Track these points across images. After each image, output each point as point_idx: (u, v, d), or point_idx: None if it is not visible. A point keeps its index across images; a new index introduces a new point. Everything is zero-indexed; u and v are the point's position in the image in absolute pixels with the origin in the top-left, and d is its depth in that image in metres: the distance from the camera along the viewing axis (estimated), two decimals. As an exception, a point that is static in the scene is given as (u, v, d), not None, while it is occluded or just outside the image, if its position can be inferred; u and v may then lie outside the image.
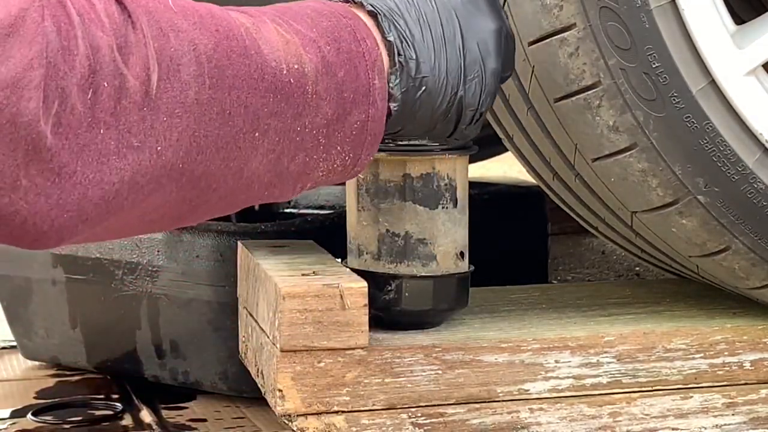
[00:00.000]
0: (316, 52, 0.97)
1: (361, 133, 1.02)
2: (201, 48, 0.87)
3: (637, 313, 1.37)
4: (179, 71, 0.84)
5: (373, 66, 1.02)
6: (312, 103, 0.96)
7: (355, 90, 1.00)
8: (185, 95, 0.85)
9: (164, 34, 0.84)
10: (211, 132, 0.88)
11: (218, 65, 0.88)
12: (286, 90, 0.93)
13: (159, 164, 0.84)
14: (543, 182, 1.50)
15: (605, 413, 1.28)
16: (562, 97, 1.25)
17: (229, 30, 0.90)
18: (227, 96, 0.88)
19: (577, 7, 1.20)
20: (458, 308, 1.30)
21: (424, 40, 1.06)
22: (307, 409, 1.19)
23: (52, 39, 0.77)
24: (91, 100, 0.79)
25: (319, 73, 0.96)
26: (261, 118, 0.91)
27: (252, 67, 0.90)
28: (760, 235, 1.27)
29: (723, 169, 1.24)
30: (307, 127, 0.96)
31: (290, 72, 0.93)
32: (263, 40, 0.92)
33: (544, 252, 2.07)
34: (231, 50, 0.89)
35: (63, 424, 1.58)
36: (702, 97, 1.23)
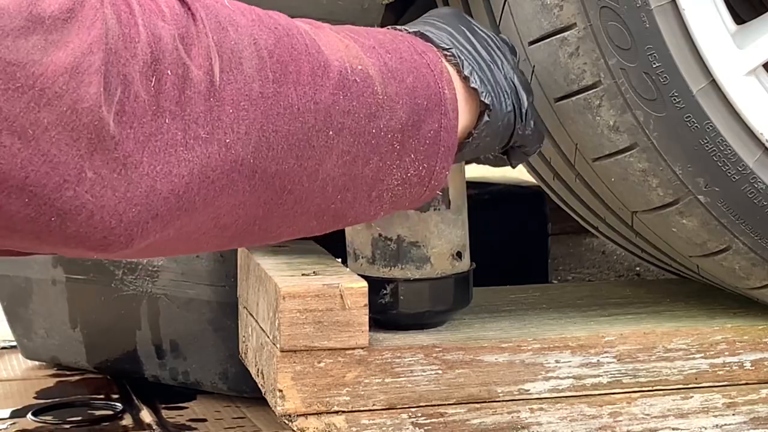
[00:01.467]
0: (378, 57, 0.96)
1: (435, 143, 1.00)
2: (261, 43, 0.85)
3: (638, 313, 1.37)
4: (241, 64, 0.83)
5: (441, 75, 1.01)
6: (385, 105, 0.95)
7: (428, 97, 0.99)
8: (249, 88, 0.83)
9: (223, 27, 0.83)
10: (281, 127, 0.86)
11: (280, 60, 0.86)
12: (355, 89, 0.92)
13: (229, 158, 0.82)
14: (543, 182, 1.49)
15: (605, 413, 1.28)
16: (563, 96, 1.25)
17: (288, 29, 0.89)
18: (293, 91, 0.87)
19: (578, 7, 1.20)
20: (459, 308, 1.30)
21: (467, 52, 1.07)
22: (307, 409, 1.19)
23: (112, 25, 0.75)
24: (155, 87, 0.77)
25: (384, 76, 0.95)
26: (333, 115, 0.90)
27: (315, 65, 0.89)
28: (761, 235, 1.27)
29: (723, 169, 1.24)
30: (382, 129, 0.95)
31: (355, 72, 0.92)
32: (323, 42, 0.91)
33: (544, 252, 2.07)
34: (292, 47, 0.88)
35: (63, 424, 1.58)
36: (702, 97, 1.23)
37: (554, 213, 2.00)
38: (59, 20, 0.73)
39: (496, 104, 1.07)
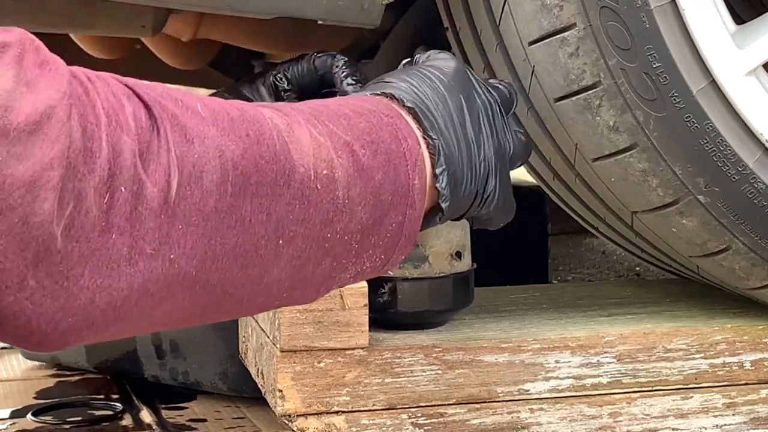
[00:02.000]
0: (349, 156, 0.94)
1: (396, 235, 0.99)
2: (228, 154, 0.85)
3: (637, 313, 1.37)
4: (201, 178, 0.83)
5: (414, 166, 1.00)
6: (345, 209, 0.93)
7: (394, 191, 0.98)
8: (205, 203, 0.83)
9: (189, 140, 0.82)
10: (228, 240, 0.86)
11: (244, 172, 0.86)
12: (314, 196, 0.91)
13: (171, 272, 0.82)
14: (543, 182, 1.49)
15: (605, 413, 1.28)
16: (563, 97, 1.25)
17: (261, 134, 0.88)
18: (249, 203, 0.86)
19: (578, 7, 1.20)
20: (459, 308, 1.30)
21: (449, 133, 1.04)
22: (307, 409, 1.19)
23: (76, 139, 0.76)
24: (107, 204, 0.77)
25: (351, 177, 0.94)
26: (286, 224, 0.89)
27: (279, 174, 0.88)
28: (761, 235, 1.27)
29: (723, 169, 1.24)
30: (338, 233, 0.94)
31: (318, 177, 0.91)
32: (294, 143, 0.90)
33: (544, 252, 2.07)
34: (260, 155, 0.87)
35: (63, 424, 1.58)
36: (702, 97, 1.22)
37: (554, 213, 2.00)
38: (24, 132, 0.74)
39: (455, 199, 1.06)
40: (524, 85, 1.29)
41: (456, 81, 1.07)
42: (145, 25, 1.53)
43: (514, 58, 1.29)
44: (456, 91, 1.06)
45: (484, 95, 1.08)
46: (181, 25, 1.81)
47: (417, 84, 1.05)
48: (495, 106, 1.09)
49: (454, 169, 1.04)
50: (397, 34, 2.00)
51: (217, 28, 1.88)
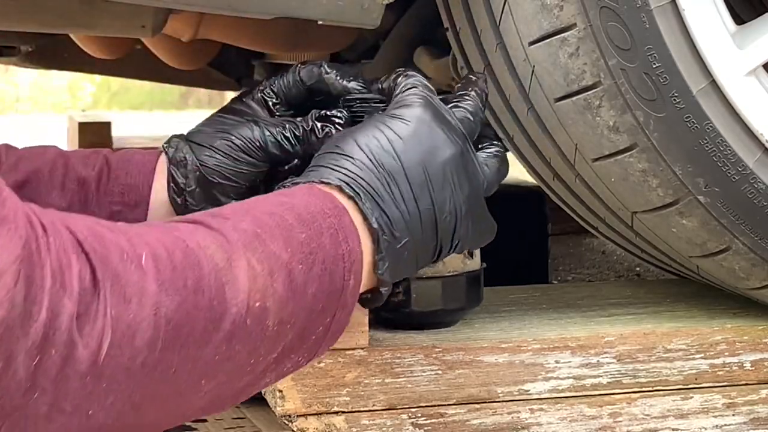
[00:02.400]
0: (285, 278, 0.95)
1: (323, 336, 1.00)
2: (163, 310, 0.85)
3: (637, 313, 1.37)
4: (134, 338, 0.83)
5: (351, 267, 1.00)
6: (272, 335, 0.94)
7: (327, 297, 0.99)
8: (133, 361, 0.84)
9: (127, 300, 0.83)
10: (150, 390, 0.86)
11: (176, 325, 0.86)
12: (242, 333, 0.91)
13: (87, 426, 0.83)
14: (543, 182, 1.49)
15: (605, 413, 1.28)
16: (563, 97, 1.25)
17: (199, 280, 0.88)
18: (176, 355, 0.87)
19: (578, 7, 1.20)
20: (471, 307, 1.30)
21: (397, 204, 1.04)
22: (307, 409, 1.19)
23: (18, 303, 0.77)
24: (35, 366, 0.79)
25: (284, 301, 0.94)
26: (210, 365, 0.90)
27: (209, 321, 0.88)
28: (761, 235, 1.27)
29: (723, 170, 1.24)
30: (261, 356, 0.95)
31: (250, 312, 0.91)
32: (230, 283, 0.90)
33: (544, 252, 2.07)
34: (194, 306, 0.87)
35: (63, 424, 1.57)
36: (702, 98, 1.22)
37: (554, 213, 2.00)
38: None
39: (397, 277, 1.07)
40: (524, 85, 1.29)
41: (417, 137, 1.06)
42: (145, 25, 1.53)
43: (514, 58, 1.29)
44: (416, 152, 1.06)
45: (452, 139, 1.07)
46: (181, 25, 1.81)
47: (366, 158, 1.05)
48: (465, 145, 1.08)
49: (404, 242, 1.04)
50: (397, 34, 2.00)
51: (217, 28, 1.88)
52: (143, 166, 1.23)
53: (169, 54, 2.19)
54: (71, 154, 1.24)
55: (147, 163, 1.23)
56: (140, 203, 1.20)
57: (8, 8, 1.50)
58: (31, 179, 1.21)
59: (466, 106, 1.11)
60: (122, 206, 1.19)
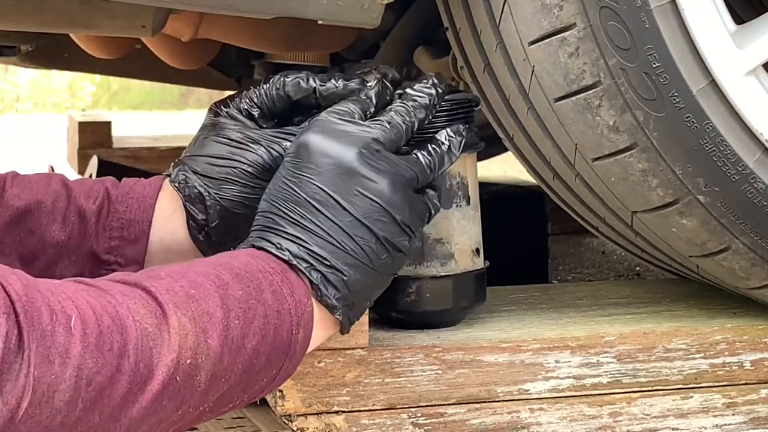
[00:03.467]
0: (220, 334, 0.96)
1: (268, 384, 1.03)
2: (85, 372, 0.87)
3: (637, 313, 1.37)
4: (53, 398, 0.85)
5: (299, 320, 1.02)
6: (203, 389, 0.96)
7: (271, 350, 1.00)
8: (51, 420, 0.85)
9: (50, 361, 0.85)
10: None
11: (98, 387, 0.88)
12: (170, 390, 0.93)
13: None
14: (543, 182, 1.49)
15: (605, 413, 1.28)
16: (562, 97, 1.25)
17: (125, 345, 0.90)
18: (98, 415, 0.88)
19: (578, 7, 1.20)
20: (477, 305, 1.30)
21: (324, 235, 1.06)
22: (307, 409, 1.19)
23: None
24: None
25: (217, 357, 0.96)
26: (134, 421, 0.91)
27: (135, 383, 0.90)
28: (761, 235, 1.27)
29: (723, 169, 1.24)
30: (191, 407, 0.96)
31: (180, 370, 0.93)
32: (158, 346, 0.92)
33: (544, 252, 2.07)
34: (118, 369, 0.89)
35: (63, 424, 1.57)
36: (702, 97, 1.22)
37: (554, 213, 2.00)
38: None
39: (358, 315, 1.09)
40: (524, 84, 1.29)
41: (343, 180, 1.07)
42: (145, 25, 1.53)
43: (514, 58, 1.29)
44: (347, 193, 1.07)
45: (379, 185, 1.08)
46: (181, 25, 1.81)
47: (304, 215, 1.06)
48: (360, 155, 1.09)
49: (354, 288, 1.06)
50: (397, 34, 2.00)
51: (217, 28, 1.88)
52: (143, 201, 1.22)
53: (169, 54, 2.18)
54: (75, 186, 1.24)
55: (147, 197, 1.22)
56: (140, 238, 1.20)
57: (8, 8, 1.50)
58: (32, 209, 1.21)
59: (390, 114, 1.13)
60: (120, 241, 1.20)
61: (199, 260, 1.04)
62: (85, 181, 1.27)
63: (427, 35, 2.00)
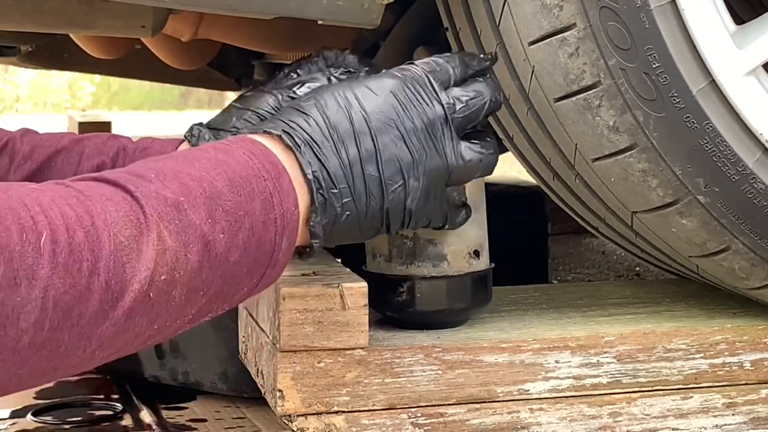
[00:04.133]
0: (201, 248, 0.95)
1: (249, 292, 1.01)
2: (51, 293, 0.85)
3: (637, 313, 1.37)
4: (18, 319, 0.84)
5: (284, 230, 1.01)
6: (179, 304, 0.94)
7: (254, 261, 0.99)
8: (17, 341, 0.84)
9: (17, 283, 0.84)
10: (38, 366, 0.87)
11: (65, 307, 0.86)
12: (144, 306, 0.91)
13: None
14: (543, 182, 1.49)
15: (605, 413, 1.28)
16: (562, 97, 1.25)
17: (95, 263, 0.88)
18: (66, 334, 0.87)
19: (578, 7, 1.20)
20: (477, 307, 1.30)
21: (342, 163, 1.05)
22: (307, 409, 1.19)
23: None
24: None
25: (196, 271, 0.94)
26: (106, 338, 0.90)
27: (105, 300, 0.89)
28: (760, 235, 1.27)
29: (723, 169, 1.24)
30: (168, 321, 0.95)
31: (152, 286, 0.91)
32: (133, 261, 0.90)
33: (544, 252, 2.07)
34: (87, 288, 0.87)
35: (63, 424, 1.58)
36: (702, 97, 1.23)
37: (554, 213, 2.00)
38: None
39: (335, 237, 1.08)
40: (524, 85, 1.29)
41: (380, 107, 1.08)
42: (145, 25, 1.53)
43: (514, 58, 1.29)
44: (374, 119, 1.07)
45: (422, 113, 1.09)
46: (181, 25, 1.81)
47: (320, 116, 1.06)
48: (439, 124, 1.09)
49: (345, 203, 1.05)
50: (397, 34, 2.01)
51: (217, 28, 1.88)
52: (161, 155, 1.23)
53: (169, 54, 2.19)
54: (87, 142, 1.24)
55: (165, 152, 1.23)
56: None
57: (8, 8, 1.50)
58: (43, 167, 1.21)
59: (469, 92, 1.13)
60: None
61: (197, 154, 1.01)
62: (98, 136, 1.27)
63: (427, 35, 2.00)
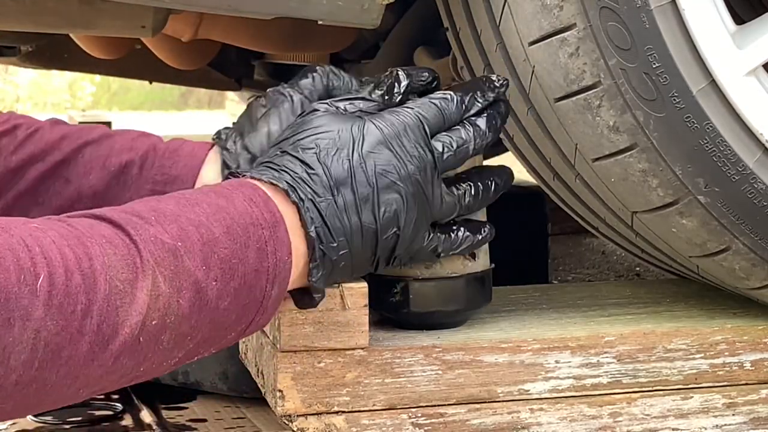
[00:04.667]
0: (193, 295, 0.95)
1: (237, 337, 1.02)
2: (44, 334, 0.86)
3: (637, 313, 1.37)
4: (9, 358, 0.84)
5: (275, 278, 1.01)
6: (167, 348, 0.95)
7: (243, 310, 1.00)
8: (6, 378, 0.85)
9: (11, 324, 0.84)
10: (22, 402, 0.87)
11: (56, 348, 0.87)
12: (133, 350, 0.92)
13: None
14: (543, 182, 1.49)
15: (605, 413, 1.28)
16: (563, 97, 1.25)
17: (89, 306, 0.88)
18: (55, 374, 0.88)
19: (578, 7, 1.20)
20: (473, 308, 1.30)
21: (340, 216, 1.06)
22: (307, 409, 1.19)
23: None
24: None
25: (185, 317, 0.95)
26: (92, 378, 0.91)
27: (96, 343, 0.89)
28: (761, 235, 1.27)
29: (723, 169, 1.24)
30: (154, 364, 0.95)
31: (144, 331, 0.92)
32: (127, 305, 0.90)
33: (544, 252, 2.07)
34: (79, 330, 0.88)
35: (63, 424, 1.58)
36: (702, 97, 1.23)
37: (554, 213, 2.00)
38: None
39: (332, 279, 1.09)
40: (524, 85, 1.29)
41: (375, 153, 1.09)
42: (145, 25, 1.53)
43: (514, 58, 1.29)
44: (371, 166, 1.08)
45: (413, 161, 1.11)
46: (181, 25, 1.81)
47: (317, 162, 1.07)
48: (426, 172, 1.12)
49: (341, 254, 1.07)
50: (397, 34, 2.01)
51: (217, 28, 1.88)
52: (191, 159, 1.24)
53: (169, 54, 2.19)
54: (118, 138, 1.24)
55: (196, 157, 1.24)
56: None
57: (8, 8, 1.50)
58: (70, 159, 1.21)
59: (457, 139, 1.15)
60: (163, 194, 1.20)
61: (198, 198, 1.01)
62: (129, 132, 1.27)
63: (427, 35, 2.00)
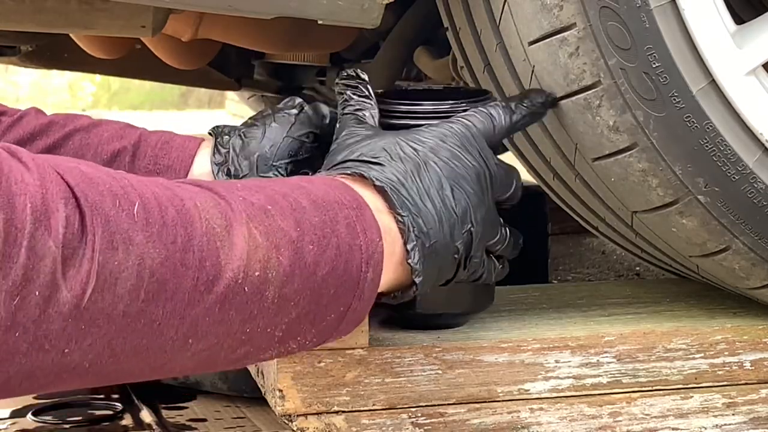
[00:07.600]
0: (292, 254, 0.94)
1: (336, 323, 1.00)
2: (147, 262, 0.85)
3: (637, 313, 1.37)
4: (115, 285, 0.83)
5: (369, 260, 1.00)
6: (271, 308, 0.93)
7: (341, 284, 0.98)
8: (113, 308, 0.84)
9: (114, 247, 0.83)
10: (132, 340, 0.86)
11: (161, 279, 0.86)
12: (238, 299, 0.91)
13: (63, 363, 0.83)
14: (543, 182, 1.50)
15: (605, 413, 1.28)
16: (563, 97, 1.25)
17: (190, 239, 0.87)
18: (161, 309, 0.86)
19: (578, 7, 1.20)
20: (478, 310, 1.30)
21: (426, 207, 1.06)
22: (307, 409, 1.19)
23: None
24: (16, 305, 0.79)
25: (288, 276, 0.94)
26: (200, 326, 0.89)
27: (200, 280, 0.88)
28: (761, 235, 1.27)
29: (723, 169, 1.24)
30: (260, 327, 0.94)
31: (247, 280, 0.90)
32: (227, 247, 0.89)
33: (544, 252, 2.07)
34: (182, 263, 0.87)
35: (63, 424, 1.58)
36: (702, 97, 1.23)
37: (554, 213, 2.00)
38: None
39: (430, 272, 1.08)
40: (524, 85, 1.29)
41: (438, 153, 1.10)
42: (145, 25, 1.53)
43: (514, 58, 1.29)
44: (438, 167, 1.09)
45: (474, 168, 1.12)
46: (181, 25, 1.81)
47: (391, 157, 1.08)
48: (485, 179, 1.13)
49: (434, 241, 1.06)
50: (397, 34, 2.01)
51: (217, 28, 1.88)
52: (183, 151, 1.23)
53: (169, 54, 2.19)
54: (106, 126, 1.24)
55: (188, 149, 1.24)
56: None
57: (8, 8, 1.50)
58: (58, 145, 1.21)
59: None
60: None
61: (277, 179, 1.01)
62: (115, 122, 1.27)
63: (427, 35, 2.00)
